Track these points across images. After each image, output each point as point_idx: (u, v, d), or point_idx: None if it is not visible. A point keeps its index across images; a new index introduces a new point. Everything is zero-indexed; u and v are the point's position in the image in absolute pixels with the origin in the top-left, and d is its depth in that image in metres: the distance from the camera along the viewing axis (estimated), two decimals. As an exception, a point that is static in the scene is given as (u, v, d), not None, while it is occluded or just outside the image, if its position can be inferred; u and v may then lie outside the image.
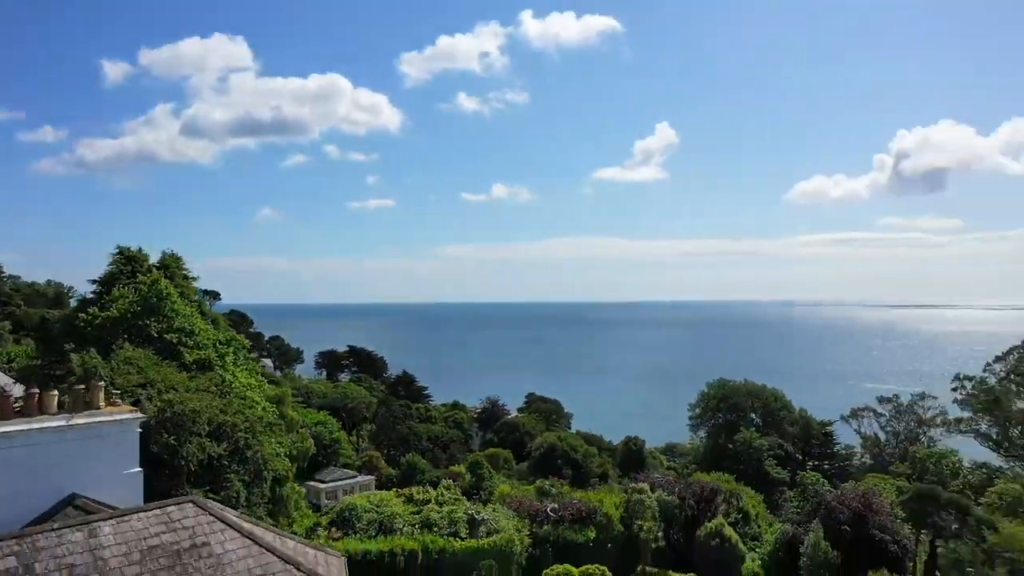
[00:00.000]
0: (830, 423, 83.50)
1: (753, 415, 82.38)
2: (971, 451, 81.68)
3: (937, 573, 48.05)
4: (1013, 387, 74.01)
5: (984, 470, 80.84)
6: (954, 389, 76.33)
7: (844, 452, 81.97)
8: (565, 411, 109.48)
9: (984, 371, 74.51)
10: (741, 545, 47.72)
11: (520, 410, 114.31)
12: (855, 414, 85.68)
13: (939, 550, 52.88)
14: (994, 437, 76.60)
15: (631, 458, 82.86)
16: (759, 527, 53.93)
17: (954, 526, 51.74)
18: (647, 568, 46.03)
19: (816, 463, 78.84)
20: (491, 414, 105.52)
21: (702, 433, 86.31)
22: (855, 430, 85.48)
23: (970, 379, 75.20)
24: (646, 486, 49.45)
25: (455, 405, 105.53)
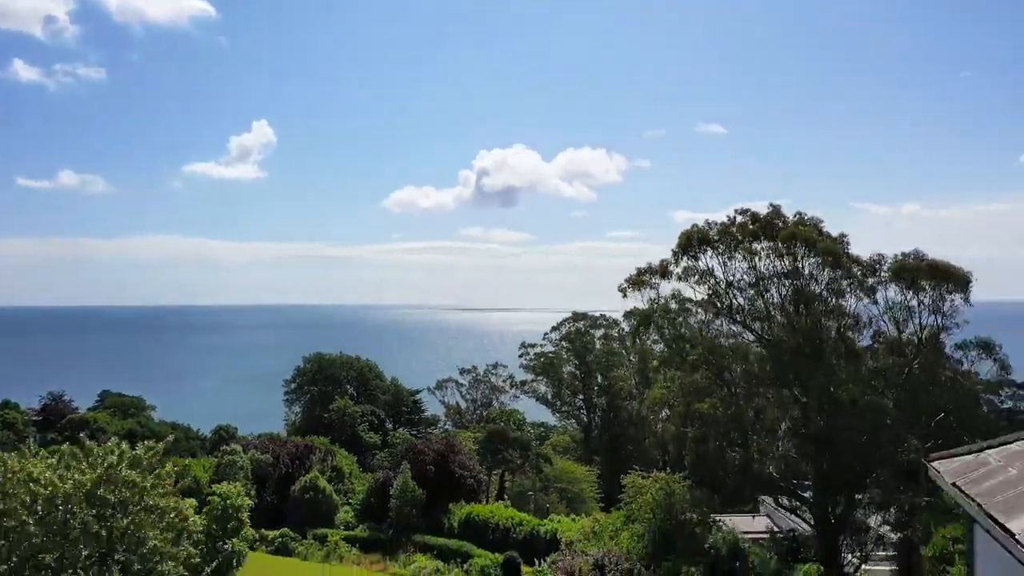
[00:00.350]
0: (418, 391, 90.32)
1: (348, 385, 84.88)
2: (534, 415, 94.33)
3: (505, 497, 54.73)
4: (564, 353, 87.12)
5: (543, 428, 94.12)
6: (520, 356, 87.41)
7: (430, 418, 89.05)
8: (148, 403, 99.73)
9: (543, 339, 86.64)
10: (336, 497, 48.84)
11: (92, 409, 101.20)
12: (440, 385, 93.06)
13: (507, 483, 60.52)
14: (549, 399, 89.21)
15: (222, 443, 79.09)
16: (352, 484, 55.75)
17: (519, 461, 59.65)
18: (238, 530, 44.39)
19: (406, 429, 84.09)
20: (54, 412, 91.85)
21: (297, 408, 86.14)
22: (440, 400, 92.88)
23: (532, 346, 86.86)
24: (238, 447, 47.91)
25: (5, 404, 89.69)
